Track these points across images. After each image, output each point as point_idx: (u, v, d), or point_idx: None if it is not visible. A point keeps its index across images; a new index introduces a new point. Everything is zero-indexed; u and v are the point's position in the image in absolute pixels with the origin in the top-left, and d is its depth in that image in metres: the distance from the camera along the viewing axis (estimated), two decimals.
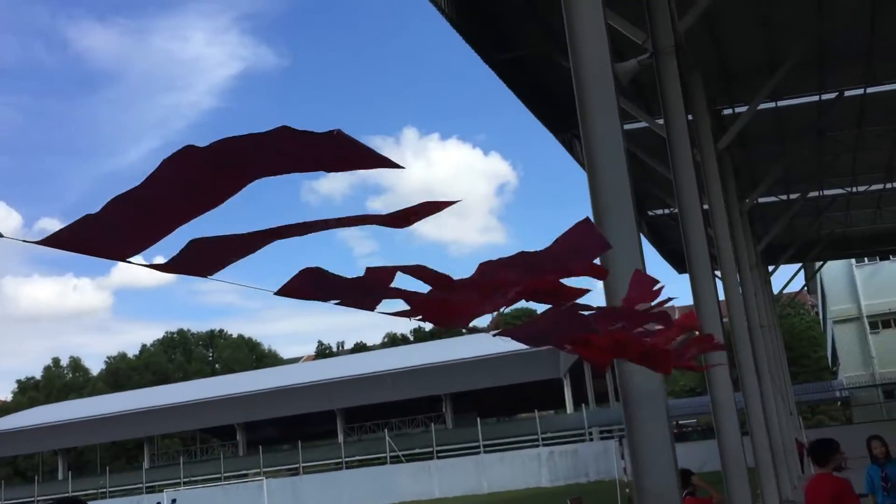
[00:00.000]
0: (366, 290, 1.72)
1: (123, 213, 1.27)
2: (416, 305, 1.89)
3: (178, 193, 1.31)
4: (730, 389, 8.98)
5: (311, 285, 1.62)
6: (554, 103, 17.67)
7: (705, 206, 11.62)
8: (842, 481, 6.58)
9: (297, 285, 1.56)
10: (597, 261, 1.77)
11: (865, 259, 49.15)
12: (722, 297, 12.66)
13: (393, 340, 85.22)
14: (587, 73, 5.80)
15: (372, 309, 1.80)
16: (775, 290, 33.16)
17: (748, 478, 9.17)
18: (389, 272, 1.65)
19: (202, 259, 1.45)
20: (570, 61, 5.87)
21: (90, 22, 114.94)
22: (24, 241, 1.30)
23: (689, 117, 10.85)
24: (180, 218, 1.35)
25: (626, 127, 6.68)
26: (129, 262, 1.33)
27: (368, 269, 1.64)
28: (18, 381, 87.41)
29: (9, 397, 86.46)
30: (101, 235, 1.28)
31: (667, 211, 25.81)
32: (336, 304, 1.75)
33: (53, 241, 1.25)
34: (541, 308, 1.84)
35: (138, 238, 1.33)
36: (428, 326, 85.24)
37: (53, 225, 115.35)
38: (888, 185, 25.88)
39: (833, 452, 6.68)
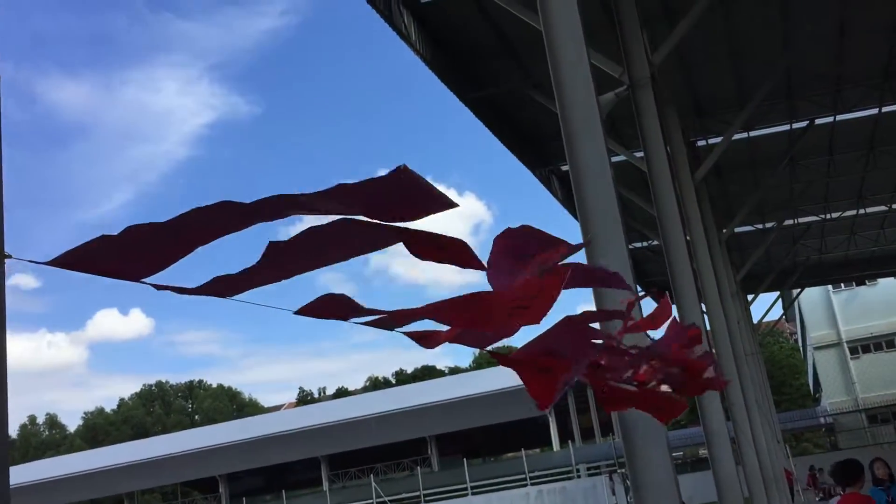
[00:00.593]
0: (385, 320, 1.69)
1: (139, 238, 1.23)
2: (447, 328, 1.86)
3: (203, 229, 1.28)
4: (722, 418, 8.95)
5: (332, 308, 1.58)
6: (530, 140, 17.82)
7: (687, 238, 11.68)
8: (870, 500, 6.82)
9: (318, 307, 1.53)
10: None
11: (842, 285, 49.66)
12: (707, 327, 12.70)
13: (375, 384, 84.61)
14: (573, 110, 5.83)
15: (391, 328, 1.77)
16: (754, 320, 33.38)
17: None
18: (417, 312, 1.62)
19: (226, 280, 1.41)
20: (556, 98, 5.90)
21: (59, 77, 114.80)
22: (32, 261, 1.25)
23: (667, 149, 10.95)
24: (194, 244, 1.31)
25: None
26: (148, 284, 1.28)
27: (393, 313, 1.61)
28: None
29: None
30: (115, 257, 1.24)
31: (645, 244, 25.99)
32: (356, 322, 1.72)
33: (64, 261, 1.20)
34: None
35: (153, 261, 1.28)
36: (409, 368, 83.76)
37: (26, 280, 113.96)
38: (860, 211, 26.27)
39: (861, 471, 6.94)
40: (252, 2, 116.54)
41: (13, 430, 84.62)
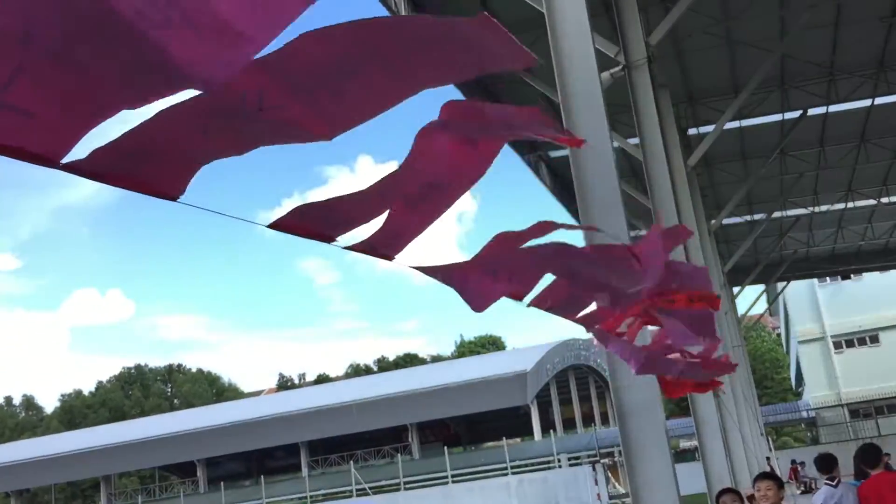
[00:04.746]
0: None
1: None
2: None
3: None
4: (714, 410, 8.72)
5: (302, 219, 1.60)
6: None
7: None
8: None
9: (290, 221, 1.57)
10: None
11: (828, 279, 49.69)
12: None
13: (356, 371, 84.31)
14: (575, 89, 5.53)
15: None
16: (739, 313, 33.25)
17: None
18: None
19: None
20: (556, 74, 5.59)
21: None
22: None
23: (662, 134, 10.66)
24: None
25: None
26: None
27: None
28: None
29: None
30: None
31: (632, 233, 25.76)
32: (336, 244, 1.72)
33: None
34: None
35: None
36: (391, 356, 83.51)
37: (6, 260, 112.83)
38: (849, 205, 26.15)
39: (881, 455, 7.04)
40: None
41: None
